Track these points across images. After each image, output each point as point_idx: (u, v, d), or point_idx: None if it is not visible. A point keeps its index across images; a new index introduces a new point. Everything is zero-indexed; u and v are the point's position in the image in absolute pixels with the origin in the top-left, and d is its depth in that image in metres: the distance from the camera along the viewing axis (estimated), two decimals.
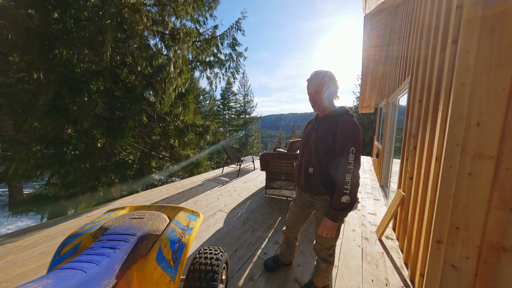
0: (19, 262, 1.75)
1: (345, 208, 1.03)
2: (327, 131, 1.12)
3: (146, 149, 5.45)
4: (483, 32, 1.03)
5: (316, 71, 1.14)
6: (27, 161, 3.62)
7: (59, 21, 3.94)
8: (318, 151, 1.14)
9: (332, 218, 1.06)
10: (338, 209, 1.04)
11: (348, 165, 1.01)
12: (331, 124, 1.11)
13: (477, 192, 1.08)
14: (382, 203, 3.03)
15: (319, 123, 1.20)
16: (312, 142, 1.18)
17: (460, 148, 1.11)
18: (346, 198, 1.02)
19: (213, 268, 1.17)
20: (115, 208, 1.30)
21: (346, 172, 1.01)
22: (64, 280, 0.57)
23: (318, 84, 1.11)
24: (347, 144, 1.03)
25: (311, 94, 1.16)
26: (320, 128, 1.17)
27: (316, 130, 1.19)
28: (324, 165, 1.13)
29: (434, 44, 1.49)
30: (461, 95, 1.10)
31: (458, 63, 1.12)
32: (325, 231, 1.09)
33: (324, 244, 1.20)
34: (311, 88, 1.14)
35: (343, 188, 1.01)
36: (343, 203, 1.03)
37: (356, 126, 1.06)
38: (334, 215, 1.05)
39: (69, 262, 0.69)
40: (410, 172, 1.80)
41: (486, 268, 1.07)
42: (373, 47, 4.44)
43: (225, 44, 6.04)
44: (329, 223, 1.07)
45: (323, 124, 1.16)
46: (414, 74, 1.97)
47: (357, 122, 1.09)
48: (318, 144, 1.14)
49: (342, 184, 1.02)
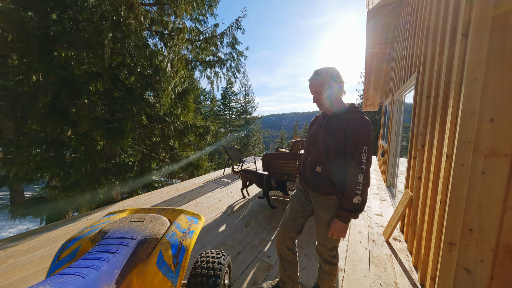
0: (20, 266, 1.73)
1: (357, 209, 0.99)
2: (337, 129, 1.06)
3: (146, 151, 5.42)
4: (496, 23, 0.97)
5: (316, 70, 1.09)
6: (27, 164, 3.61)
7: (58, 23, 3.93)
8: (327, 149, 1.09)
9: (344, 220, 1.02)
10: (349, 211, 1.00)
11: (361, 164, 0.97)
12: (342, 122, 1.06)
13: (491, 191, 1.03)
14: (389, 203, 2.97)
15: (328, 120, 1.14)
16: (321, 140, 1.12)
17: (473, 146, 1.06)
18: (358, 198, 0.98)
19: (215, 272, 1.15)
20: (114, 211, 1.28)
21: (359, 172, 0.97)
22: (61, 286, 0.56)
23: (319, 84, 1.07)
24: (360, 143, 0.98)
25: (313, 95, 1.13)
26: (329, 126, 1.11)
27: (325, 127, 1.13)
28: (334, 164, 1.08)
29: (442, 38, 1.44)
30: (473, 90, 1.05)
31: (469, 56, 1.07)
32: (335, 233, 1.04)
33: (327, 246, 1.15)
34: (312, 89, 1.11)
35: (355, 189, 0.97)
36: (355, 204, 0.98)
37: (368, 124, 1.02)
38: (346, 216, 1.01)
39: (67, 268, 0.67)
40: (418, 171, 1.75)
41: (503, 272, 1.02)
42: (376, 45, 4.38)
43: (224, 43, 6.00)
44: (340, 225, 1.03)
45: (333, 122, 1.11)
46: (421, 70, 1.92)
47: (368, 120, 1.04)
48: (328, 143, 1.09)
49: (354, 185, 0.98)
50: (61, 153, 4.05)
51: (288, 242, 1.24)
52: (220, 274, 1.15)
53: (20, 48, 3.84)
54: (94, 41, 3.60)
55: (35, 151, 3.82)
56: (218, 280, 1.12)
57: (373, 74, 5.51)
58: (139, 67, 4.13)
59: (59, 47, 3.80)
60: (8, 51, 4.01)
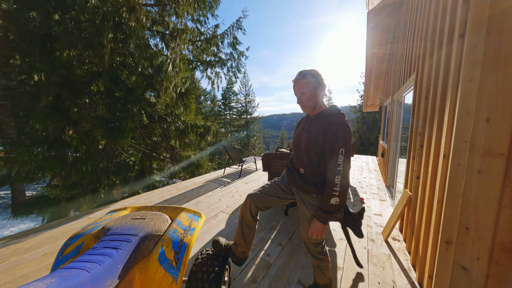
0: (22, 263, 1.75)
1: (334, 210, 1.01)
2: (317, 131, 1.10)
3: (147, 151, 5.45)
4: (491, 25, 0.99)
5: (300, 72, 1.12)
6: (29, 163, 3.63)
7: (60, 23, 3.96)
8: (308, 152, 1.13)
9: (322, 220, 1.04)
10: (327, 211, 1.02)
11: (338, 166, 0.99)
12: (322, 124, 1.10)
13: (487, 190, 1.04)
14: (388, 203, 2.98)
15: (309, 123, 1.18)
16: (303, 143, 1.17)
17: (469, 145, 1.07)
18: (336, 200, 1.00)
19: (215, 269, 1.16)
20: (117, 209, 1.30)
21: (336, 174, 0.99)
22: (67, 279, 0.58)
23: (303, 85, 1.10)
24: (336, 145, 1.01)
25: (297, 96, 1.14)
26: (310, 128, 1.15)
27: (307, 130, 1.17)
28: (314, 166, 1.12)
29: (440, 39, 1.46)
30: (469, 91, 1.07)
31: (465, 57, 1.08)
32: (315, 233, 1.07)
33: (311, 241, 1.17)
34: (297, 90, 1.13)
35: (332, 190, 0.99)
36: (332, 205, 1.00)
37: (346, 126, 1.03)
38: (324, 217, 1.03)
39: (72, 262, 0.69)
40: (417, 171, 1.76)
41: (498, 270, 1.04)
42: (376, 45, 4.40)
43: (225, 43, 6.03)
44: (319, 225, 1.05)
45: (313, 125, 1.14)
46: (420, 71, 1.93)
47: (347, 122, 1.06)
48: (308, 145, 1.13)
49: (331, 186, 1.00)
50: (63, 152, 4.08)
51: (253, 210, 1.27)
52: (221, 271, 1.17)
53: (23, 48, 3.88)
54: (96, 41, 3.63)
55: (36, 150, 3.86)
56: (218, 277, 1.13)
57: (373, 75, 5.53)
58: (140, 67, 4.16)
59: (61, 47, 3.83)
60: (11, 51, 4.05)
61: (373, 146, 17.13)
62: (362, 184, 3.90)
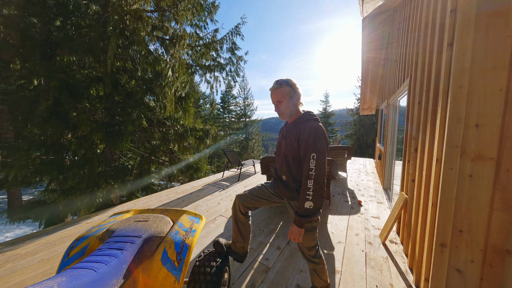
0: (18, 270, 1.73)
1: (309, 214, 1.03)
2: (293, 138, 1.14)
3: (146, 154, 5.45)
4: (477, 34, 1.04)
5: (277, 81, 1.16)
6: (27, 167, 3.62)
7: (61, 29, 4.01)
8: (287, 159, 1.18)
9: (298, 224, 1.06)
10: (302, 215, 1.04)
11: (310, 171, 1.01)
12: (296, 131, 1.14)
13: (478, 194, 1.07)
14: (386, 206, 3.00)
15: (287, 130, 1.23)
16: (283, 150, 1.22)
17: (460, 150, 1.11)
18: (310, 204, 1.01)
19: (215, 270, 1.18)
20: (120, 212, 1.34)
21: (308, 178, 1.02)
22: (77, 278, 0.61)
23: (279, 93, 1.13)
24: (308, 150, 1.04)
25: (275, 104, 1.18)
26: (288, 136, 1.20)
27: (285, 137, 1.22)
28: (294, 172, 1.16)
29: (431, 46, 1.51)
30: (459, 97, 1.11)
31: (454, 65, 1.13)
32: (292, 236, 1.09)
33: (304, 244, 1.19)
34: (274, 98, 1.16)
35: (306, 194, 1.02)
36: (306, 209, 1.02)
37: (317, 132, 1.06)
38: (299, 221, 1.05)
39: (80, 262, 0.73)
40: (412, 174, 1.79)
41: (492, 272, 1.06)
42: (372, 50, 4.50)
43: (224, 48, 6.12)
44: (295, 229, 1.07)
45: (290, 132, 1.19)
46: (413, 76, 1.99)
47: (320, 127, 1.09)
48: (287, 153, 1.17)
49: (305, 190, 1.03)
50: (61, 156, 4.06)
51: (242, 209, 1.36)
52: (220, 272, 1.19)
53: (23, 53, 3.91)
54: (97, 46, 3.67)
55: (34, 154, 3.84)
56: (218, 278, 1.15)
57: (369, 79, 5.62)
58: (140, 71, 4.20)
59: (62, 52, 3.87)
60: (11, 56, 4.07)
61: (370, 148, 17.26)
62: (360, 187, 3.93)
